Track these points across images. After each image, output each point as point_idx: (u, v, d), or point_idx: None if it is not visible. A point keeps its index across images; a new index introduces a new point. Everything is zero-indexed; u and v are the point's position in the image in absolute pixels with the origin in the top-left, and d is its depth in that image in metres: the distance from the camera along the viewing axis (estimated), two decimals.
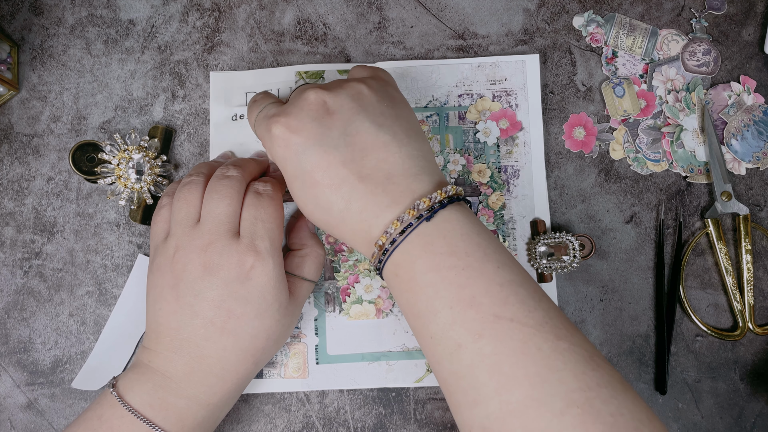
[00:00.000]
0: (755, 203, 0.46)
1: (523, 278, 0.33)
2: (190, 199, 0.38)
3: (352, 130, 0.35)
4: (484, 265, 0.32)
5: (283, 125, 0.35)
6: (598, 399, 0.29)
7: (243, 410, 0.44)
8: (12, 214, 0.45)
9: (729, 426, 0.44)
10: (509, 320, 0.30)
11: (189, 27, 0.47)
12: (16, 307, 0.44)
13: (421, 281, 0.33)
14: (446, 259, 0.32)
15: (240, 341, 0.36)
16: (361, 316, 0.45)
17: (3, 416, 0.44)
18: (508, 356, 0.30)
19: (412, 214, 0.33)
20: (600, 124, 0.47)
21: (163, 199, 0.40)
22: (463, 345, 0.31)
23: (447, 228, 0.33)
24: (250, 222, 0.37)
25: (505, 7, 0.48)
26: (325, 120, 0.35)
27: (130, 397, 0.35)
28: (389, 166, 0.34)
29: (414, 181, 0.34)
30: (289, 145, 0.35)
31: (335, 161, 0.34)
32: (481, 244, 0.33)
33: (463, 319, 0.31)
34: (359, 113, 0.35)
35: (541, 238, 0.44)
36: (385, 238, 0.34)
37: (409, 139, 0.35)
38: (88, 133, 0.46)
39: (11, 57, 0.46)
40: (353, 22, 0.48)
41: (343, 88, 0.36)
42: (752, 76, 0.47)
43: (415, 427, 0.44)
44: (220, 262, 0.36)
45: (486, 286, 0.32)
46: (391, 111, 0.36)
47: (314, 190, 0.35)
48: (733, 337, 0.44)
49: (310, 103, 0.35)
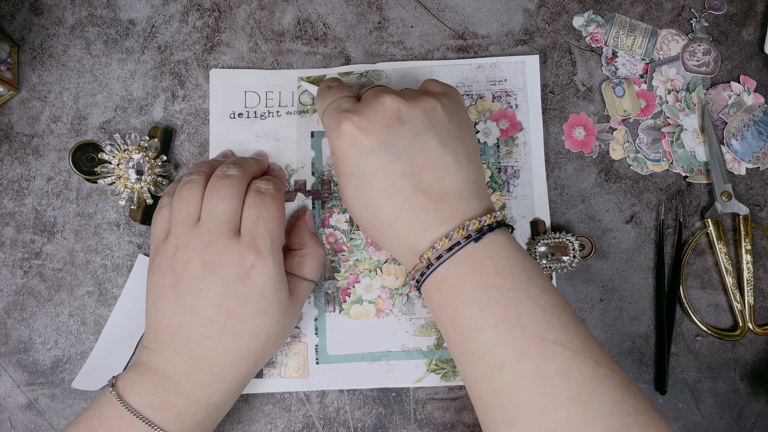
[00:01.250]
0: (755, 203, 0.46)
1: (564, 304, 0.34)
2: (191, 198, 0.38)
3: (419, 144, 0.36)
4: (529, 289, 0.33)
5: (354, 124, 0.36)
6: (636, 425, 0.30)
7: (243, 410, 0.44)
8: (12, 214, 0.45)
9: (729, 426, 0.44)
10: (553, 343, 0.32)
11: (189, 27, 0.47)
12: (16, 307, 0.44)
13: (467, 298, 0.34)
14: (493, 279, 0.33)
15: (240, 340, 0.36)
16: (361, 316, 0.45)
17: (3, 416, 0.44)
18: (551, 378, 0.31)
19: (460, 233, 0.34)
20: (600, 124, 0.47)
21: (164, 199, 0.40)
22: (506, 363, 0.32)
23: (494, 250, 0.34)
24: (252, 221, 0.37)
25: (505, 7, 0.48)
26: (395, 128, 0.36)
27: (129, 397, 0.35)
28: (445, 185, 0.36)
29: (465, 203, 0.36)
30: (355, 144, 0.36)
31: (396, 170, 0.35)
32: (526, 269, 0.34)
33: (508, 339, 0.32)
34: (429, 129, 0.36)
35: (541, 238, 0.44)
36: (431, 252, 0.35)
37: (468, 164, 0.37)
38: (88, 133, 0.46)
39: (11, 57, 0.46)
40: (353, 22, 0.48)
41: (419, 101, 0.37)
42: (752, 76, 0.47)
43: (415, 427, 0.44)
44: (220, 261, 0.36)
45: (531, 308, 0.33)
46: (458, 133, 0.37)
47: (368, 192, 0.36)
48: (733, 337, 0.44)
49: (385, 108, 0.36)
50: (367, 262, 0.45)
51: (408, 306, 0.45)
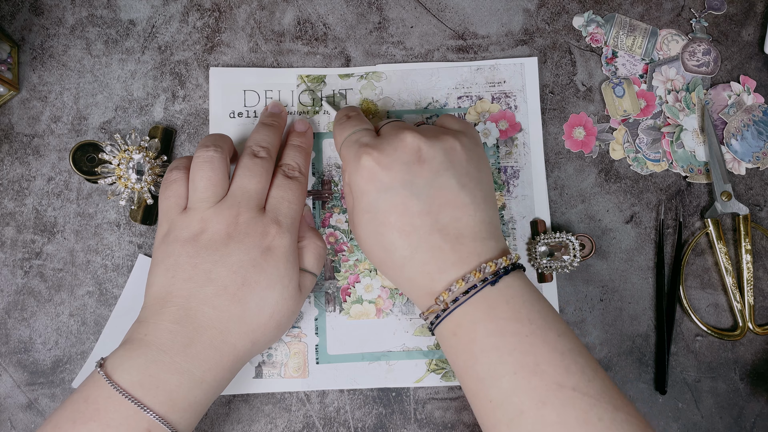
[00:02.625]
0: (755, 203, 0.46)
1: (580, 347, 0.34)
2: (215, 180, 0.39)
3: (437, 184, 0.36)
4: (546, 333, 0.33)
5: (374, 159, 0.36)
6: None
7: (243, 410, 0.44)
8: (12, 214, 0.45)
9: (729, 426, 0.44)
10: (572, 389, 0.32)
11: (189, 27, 0.47)
12: (16, 307, 0.44)
13: (484, 345, 0.33)
14: (510, 324, 0.33)
15: (246, 312, 0.36)
16: (361, 316, 0.45)
17: (3, 416, 0.44)
18: (572, 426, 0.31)
19: (477, 276, 0.34)
20: (600, 124, 0.47)
21: (171, 175, 0.40)
22: (526, 412, 0.32)
23: (510, 294, 0.34)
24: (277, 200, 0.39)
25: (505, 8, 0.48)
26: (414, 167, 0.36)
27: (118, 376, 0.34)
28: (462, 226, 0.36)
29: (482, 244, 0.36)
30: (373, 180, 0.36)
31: (413, 209, 0.35)
32: (542, 312, 0.34)
33: (527, 387, 0.32)
34: (448, 169, 0.36)
35: (541, 238, 0.44)
36: (448, 294, 0.35)
37: (485, 205, 0.37)
38: (88, 133, 0.46)
39: (11, 57, 0.46)
40: (353, 22, 0.48)
41: (439, 140, 0.37)
42: (752, 76, 0.47)
43: (415, 427, 0.44)
44: (246, 230, 0.37)
45: (548, 354, 0.33)
46: (476, 174, 0.37)
47: (383, 229, 0.36)
48: (733, 337, 0.45)
49: (405, 146, 0.36)
50: (367, 262, 0.45)
51: (408, 306, 0.45)
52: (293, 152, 0.43)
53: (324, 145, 0.46)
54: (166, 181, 0.40)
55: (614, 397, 0.32)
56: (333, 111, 0.46)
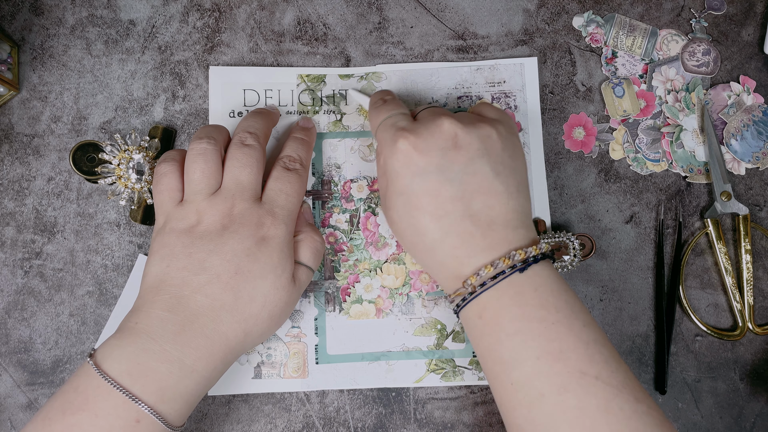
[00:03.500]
0: (755, 203, 0.46)
1: (605, 339, 0.34)
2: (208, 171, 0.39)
3: (472, 170, 0.36)
4: (571, 322, 0.34)
5: (410, 143, 0.37)
6: None
7: (243, 410, 0.44)
8: (12, 214, 0.45)
9: (729, 426, 0.44)
10: (594, 378, 0.32)
11: (189, 27, 0.47)
12: (16, 307, 0.44)
13: (509, 329, 0.34)
14: (536, 311, 0.34)
15: (238, 301, 0.36)
16: (361, 316, 0.45)
17: (3, 416, 0.44)
18: (592, 412, 0.31)
19: (506, 263, 0.35)
20: (600, 124, 0.47)
21: (163, 167, 0.40)
22: (546, 395, 0.32)
23: (538, 282, 0.35)
24: (275, 192, 0.39)
25: (504, 8, 0.48)
26: (450, 152, 0.36)
27: (108, 365, 0.33)
28: (494, 213, 0.36)
29: (512, 232, 0.36)
30: (409, 164, 0.36)
31: (447, 194, 0.36)
32: (569, 302, 0.35)
33: (549, 372, 0.32)
34: (483, 156, 0.37)
35: (541, 238, 0.44)
36: (475, 279, 0.35)
37: (518, 194, 0.37)
38: (88, 133, 0.46)
39: (11, 57, 0.46)
40: (353, 22, 0.48)
41: (476, 127, 0.37)
42: (752, 76, 0.47)
43: (415, 427, 0.44)
44: (241, 221, 0.37)
45: (573, 342, 0.33)
46: (511, 162, 0.38)
47: (416, 212, 0.37)
48: (733, 337, 0.45)
49: (442, 131, 0.37)
50: (367, 262, 0.45)
51: (408, 306, 0.45)
52: (295, 144, 0.43)
53: (324, 145, 0.46)
54: (157, 174, 0.40)
55: (636, 390, 0.33)
56: (365, 97, 0.45)
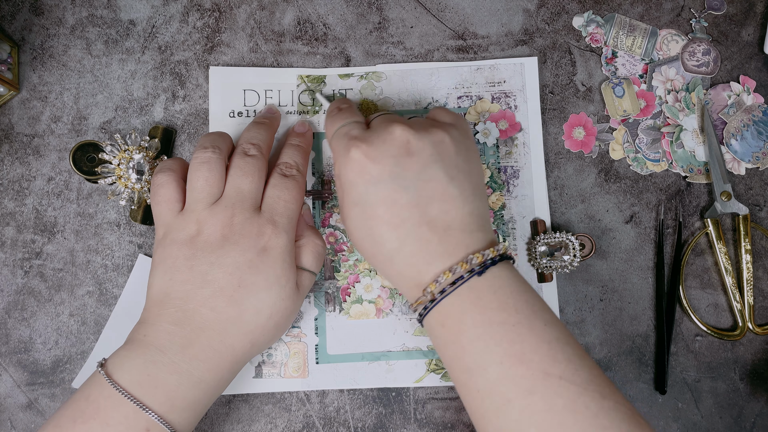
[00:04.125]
0: (755, 203, 0.46)
1: (567, 336, 0.34)
2: (212, 180, 0.38)
3: (426, 177, 0.36)
4: (533, 323, 0.33)
5: (362, 152, 0.36)
6: None
7: (243, 410, 0.44)
8: (12, 214, 0.45)
9: (729, 426, 0.44)
10: (558, 378, 0.32)
11: (189, 27, 0.47)
12: (16, 307, 0.44)
13: (471, 335, 0.34)
14: (497, 314, 0.34)
15: (244, 313, 0.36)
16: (361, 316, 0.45)
17: (3, 416, 0.44)
18: (559, 414, 0.31)
19: (464, 267, 0.34)
20: (600, 124, 0.47)
21: (158, 178, 0.40)
22: (513, 401, 0.32)
23: (497, 284, 0.35)
24: (273, 199, 0.39)
25: (505, 8, 0.48)
26: (403, 159, 0.36)
27: (118, 375, 0.34)
28: (450, 218, 0.36)
29: (470, 236, 0.36)
30: (362, 173, 0.36)
31: (401, 202, 0.35)
32: (529, 302, 0.34)
33: (513, 376, 0.32)
34: (437, 162, 0.36)
35: (541, 238, 0.44)
36: (435, 286, 0.35)
37: (474, 197, 0.37)
38: (88, 133, 0.46)
39: (11, 57, 0.46)
40: (353, 22, 0.48)
41: (428, 133, 0.37)
42: (752, 76, 0.47)
43: (415, 427, 0.44)
44: (241, 231, 0.37)
45: (535, 343, 0.33)
46: (465, 166, 0.37)
47: (372, 222, 0.36)
48: (733, 337, 0.45)
49: (394, 139, 0.36)
50: (367, 262, 0.45)
51: (408, 306, 0.45)
52: (291, 151, 0.42)
53: (324, 145, 0.46)
54: (154, 185, 0.40)
55: (601, 386, 0.32)
56: (327, 103, 0.45)
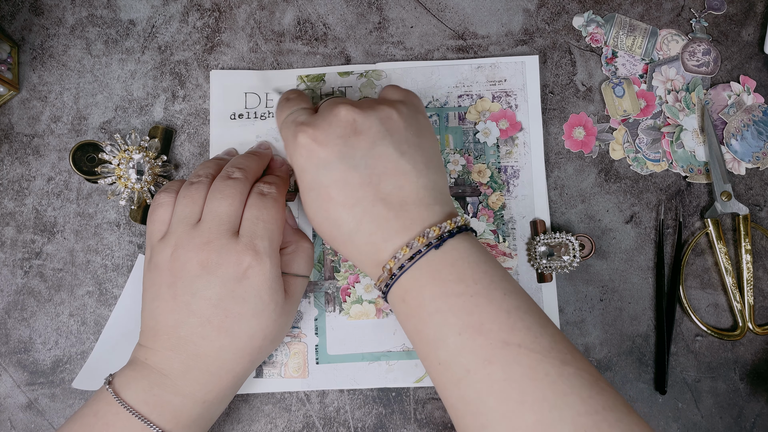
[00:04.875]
0: (755, 203, 0.46)
1: (528, 305, 0.34)
2: (195, 198, 0.38)
3: (375, 154, 0.35)
4: (491, 293, 0.33)
5: (309, 136, 0.36)
6: (605, 422, 0.30)
7: (243, 410, 0.44)
8: (12, 214, 0.45)
9: (729, 426, 0.44)
10: (517, 346, 0.31)
11: (189, 27, 0.47)
12: (16, 307, 0.44)
13: (430, 308, 0.33)
14: (454, 286, 0.33)
15: (237, 341, 0.36)
16: (361, 316, 0.45)
17: (3, 416, 0.44)
18: (517, 382, 0.31)
19: (421, 242, 0.34)
20: (600, 124, 0.47)
21: (160, 197, 0.39)
22: (472, 371, 0.32)
23: (455, 256, 0.34)
24: (251, 222, 0.37)
25: (505, 8, 0.48)
26: (351, 139, 0.35)
27: (125, 394, 0.35)
28: (405, 193, 0.35)
29: (426, 210, 0.35)
30: (311, 157, 0.36)
31: (353, 181, 0.35)
32: (488, 272, 0.34)
33: (472, 346, 0.32)
34: (385, 138, 0.36)
35: (541, 238, 0.44)
36: (393, 262, 0.35)
37: (427, 170, 0.36)
38: (88, 133, 0.46)
39: (11, 57, 0.46)
40: (353, 22, 0.48)
41: (374, 110, 0.36)
42: (752, 76, 0.47)
43: (415, 427, 0.44)
44: (218, 260, 0.36)
45: (494, 313, 0.32)
46: (416, 140, 0.37)
47: (327, 204, 0.36)
48: (733, 337, 0.45)
49: (339, 120, 0.36)
50: None
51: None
52: (270, 177, 0.42)
53: None
54: (154, 203, 0.39)
55: (563, 352, 0.32)
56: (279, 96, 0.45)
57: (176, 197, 0.39)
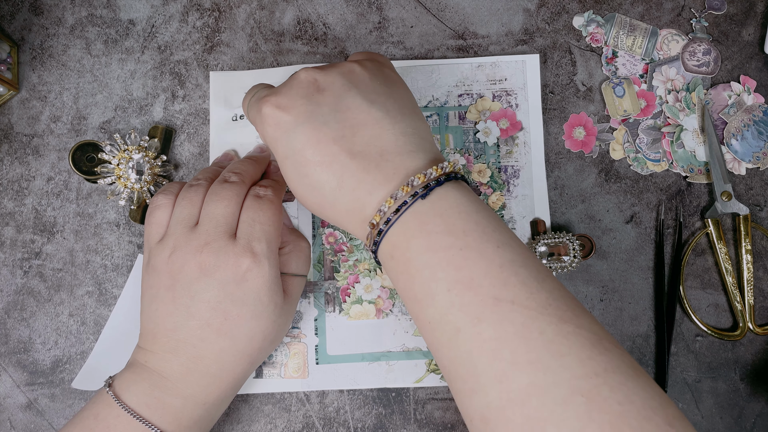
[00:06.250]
0: (755, 203, 0.46)
1: (525, 258, 0.31)
2: (194, 200, 0.38)
3: (343, 107, 0.34)
4: (482, 245, 0.30)
5: (272, 104, 0.34)
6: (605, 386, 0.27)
7: (243, 410, 0.44)
8: (12, 214, 0.45)
9: (729, 426, 0.44)
10: (510, 303, 0.29)
11: (189, 27, 0.47)
12: (16, 307, 0.44)
13: (417, 263, 0.31)
14: (443, 238, 0.31)
15: (236, 343, 0.36)
16: (361, 316, 0.45)
17: (3, 416, 0.44)
18: (509, 341, 0.28)
19: (406, 191, 0.32)
20: (600, 124, 0.47)
21: (157, 199, 0.39)
22: (462, 329, 0.29)
23: (444, 206, 0.32)
24: (248, 224, 0.37)
25: (505, 7, 0.48)
26: (315, 97, 0.34)
27: (126, 397, 0.35)
28: (382, 143, 0.33)
29: (408, 158, 0.33)
30: (279, 124, 0.34)
31: (325, 138, 0.33)
32: (480, 223, 0.31)
33: (462, 303, 0.29)
34: (350, 90, 0.34)
35: (541, 238, 0.44)
36: (379, 216, 0.32)
37: (403, 117, 0.34)
38: (88, 133, 0.46)
39: (11, 57, 0.46)
40: (353, 22, 0.48)
41: (335, 67, 0.35)
42: (752, 76, 0.47)
43: (415, 427, 0.44)
44: (216, 263, 0.36)
45: (485, 266, 0.30)
46: (385, 89, 0.35)
47: (305, 169, 0.34)
48: (733, 337, 0.44)
49: (300, 82, 0.35)
50: (366, 262, 0.45)
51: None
52: (266, 181, 0.41)
53: None
54: (152, 205, 0.39)
55: (562, 309, 0.29)
56: None
57: (174, 199, 0.39)
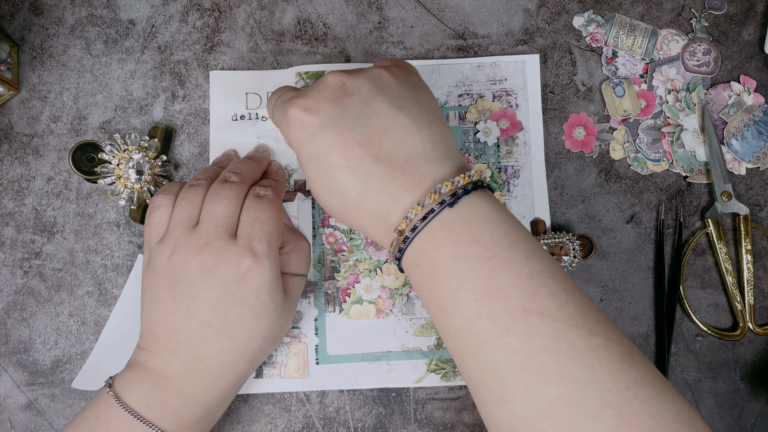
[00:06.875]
0: (755, 203, 0.46)
1: (553, 269, 0.31)
2: (194, 200, 0.38)
3: (370, 111, 0.33)
4: (511, 255, 0.30)
5: (299, 106, 0.34)
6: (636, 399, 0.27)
7: (243, 410, 0.44)
8: (12, 214, 0.45)
9: (729, 426, 0.44)
10: (539, 314, 0.29)
11: (189, 27, 0.47)
12: (16, 307, 0.44)
13: (445, 272, 0.31)
14: (471, 248, 0.31)
15: (237, 342, 0.36)
16: (361, 316, 0.45)
17: (3, 416, 0.44)
18: (539, 353, 0.28)
19: (433, 198, 0.32)
20: (600, 124, 0.47)
21: (157, 199, 0.39)
22: (490, 340, 0.29)
23: (471, 215, 0.31)
24: (248, 224, 0.37)
25: (505, 7, 0.48)
26: (342, 101, 0.34)
27: (126, 397, 0.35)
28: (408, 149, 0.33)
29: (435, 165, 0.33)
30: (305, 126, 0.34)
31: (351, 142, 0.33)
32: (509, 233, 0.31)
33: (490, 313, 0.29)
34: (378, 95, 0.34)
35: (541, 238, 0.44)
36: (405, 223, 0.32)
37: (429, 123, 0.34)
38: (88, 133, 0.46)
39: (11, 57, 0.46)
40: (353, 22, 0.48)
41: (363, 72, 0.35)
42: (752, 76, 0.47)
43: (415, 427, 0.44)
44: (216, 262, 0.36)
45: (514, 277, 0.30)
46: (411, 95, 0.35)
47: (330, 173, 0.33)
48: (733, 337, 0.44)
49: (328, 85, 0.35)
50: (367, 262, 0.45)
51: (408, 306, 0.45)
52: (266, 180, 0.41)
53: None
54: (151, 205, 0.39)
55: (591, 321, 0.29)
56: None
57: (174, 199, 0.39)
